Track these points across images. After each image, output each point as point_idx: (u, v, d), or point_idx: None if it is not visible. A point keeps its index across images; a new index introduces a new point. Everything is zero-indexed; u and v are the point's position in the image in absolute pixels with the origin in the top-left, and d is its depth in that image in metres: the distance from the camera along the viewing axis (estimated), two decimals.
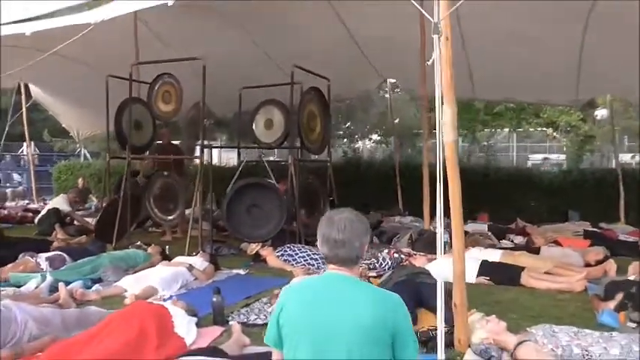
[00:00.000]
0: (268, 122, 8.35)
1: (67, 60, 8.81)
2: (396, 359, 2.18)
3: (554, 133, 18.38)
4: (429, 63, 2.96)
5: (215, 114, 13.18)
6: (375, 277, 5.64)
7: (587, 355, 3.21)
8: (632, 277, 4.89)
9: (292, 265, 6.18)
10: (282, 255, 6.35)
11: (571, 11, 7.19)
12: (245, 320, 4.19)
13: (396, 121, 15.69)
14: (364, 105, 13.72)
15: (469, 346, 3.46)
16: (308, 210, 7.97)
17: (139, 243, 7.00)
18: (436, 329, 3.57)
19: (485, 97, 12.40)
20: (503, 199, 11.11)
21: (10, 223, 9.66)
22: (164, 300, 4.39)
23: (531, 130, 19.89)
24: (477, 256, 6.10)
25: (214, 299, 4.06)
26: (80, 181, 12.63)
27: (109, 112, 8.11)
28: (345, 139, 19.21)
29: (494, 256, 6.11)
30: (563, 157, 20.24)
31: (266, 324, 2.90)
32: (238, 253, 7.12)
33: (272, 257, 6.34)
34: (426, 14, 3.07)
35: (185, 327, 3.71)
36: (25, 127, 11.91)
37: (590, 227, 9.11)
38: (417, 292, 4.38)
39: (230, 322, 4.02)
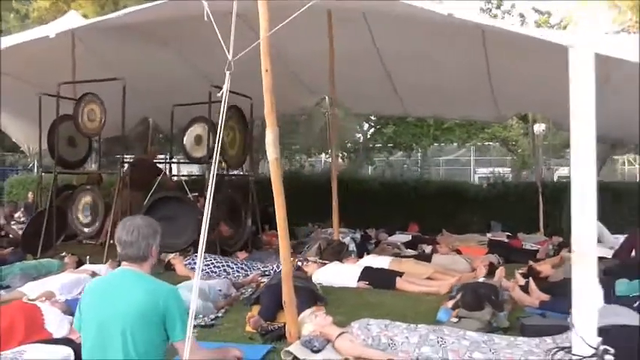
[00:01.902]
0: (198, 138, 8.85)
1: (11, 78, 9.23)
2: (168, 336, 2.69)
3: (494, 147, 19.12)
4: (219, 95, 3.40)
5: (162, 129, 13.62)
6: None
7: (392, 343, 3.73)
8: (481, 279, 5.44)
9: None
10: (190, 264, 6.81)
11: (467, 37, 7.77)
12: None
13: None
14: (307, 121, 14.31)
15: (299, 338, 3.95)
16: (230, 222, 8.44)
17: (63, 254, 7.40)
18: (274, 325, 4.09)
19: (417, 114, 12.99)
20: (436, 211, 11.68)
21: None
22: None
23: (479, 144, 20.60)
24: (367, 263, 6.64)
25: None
26: (30, 194, 12.99)
27: (48, 128, 8.60)
28: (303, 155, 19.82)
29: (384, 263, 6.64)
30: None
31: None
32: (156, 263, 7.52)
33: (180, 266, 6.79)
34: (226, 49, 3.53)
35: (57, 324, 4.16)
36: None
37: (501, 237, 9.76)
38: (280, 294, 4.86)
39: None
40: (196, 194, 8.70)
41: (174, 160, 10.58)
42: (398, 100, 10.87)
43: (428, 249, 8.64)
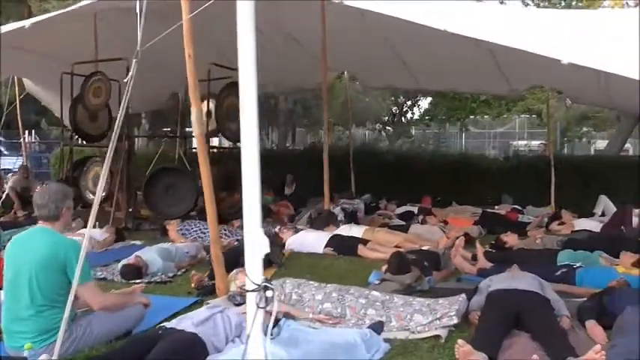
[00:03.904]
0: (207, 113, 9.40)
1: (43, 56, 9.99)
2: (70, 281, 3.21)
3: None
4: (125, 80, 3.77)
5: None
6: None
7: (300, 299, 4.16)
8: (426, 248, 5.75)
9: (186, 237, 7.19)
10: (181, 229, 7.39)
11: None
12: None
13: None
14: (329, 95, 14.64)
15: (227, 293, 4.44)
16: (230, 191, 8.98)
17: (78, 219, 8.17)
18: (210, 281, 4.59)
19: (431, 88, 13.04)
20: (451, 184, 11.86)
21: None
22: None
23: (514, 117, 20.35)
24: (340, 231, 7.05)
25: None
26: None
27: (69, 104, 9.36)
28: (341, 128, 20.18)
29: (358, 231, 7.01)
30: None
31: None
32: (158, 228, 8.18)
33: (173, 231, 7.36)
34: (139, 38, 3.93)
35: None
36: (19, 118, 13.20)
37: (504, 210, 9.91)
38: (232, 258, 5.33)
39: None
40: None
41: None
42: (409, 73, 11.01)
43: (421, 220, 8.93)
